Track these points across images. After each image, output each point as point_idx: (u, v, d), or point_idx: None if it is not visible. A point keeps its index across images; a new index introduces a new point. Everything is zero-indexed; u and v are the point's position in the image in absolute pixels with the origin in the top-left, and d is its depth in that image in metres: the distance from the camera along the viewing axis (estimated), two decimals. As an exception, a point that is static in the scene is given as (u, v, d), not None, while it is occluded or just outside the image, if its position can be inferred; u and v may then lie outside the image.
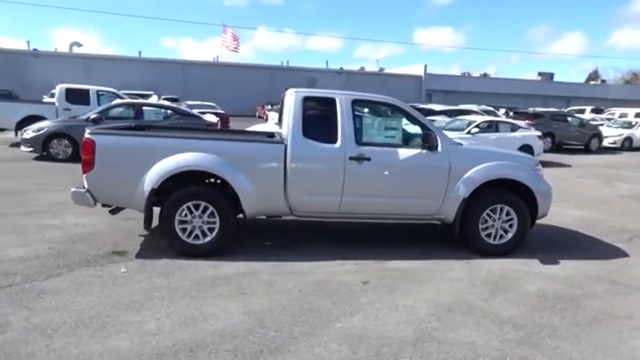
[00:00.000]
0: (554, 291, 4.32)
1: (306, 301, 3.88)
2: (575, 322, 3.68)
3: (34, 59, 34.16)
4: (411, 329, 3.44)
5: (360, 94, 5.31)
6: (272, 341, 3.19)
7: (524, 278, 4.63)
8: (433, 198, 5.18)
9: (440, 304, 3.91)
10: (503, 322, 3.63)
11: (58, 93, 13.44)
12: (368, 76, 43.37)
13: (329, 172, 4.97)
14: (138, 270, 4.44)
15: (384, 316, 3.66)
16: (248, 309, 3.68)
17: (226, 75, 38.82)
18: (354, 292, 4.11)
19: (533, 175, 5.38)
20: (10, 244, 5.00)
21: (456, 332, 3.43)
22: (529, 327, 3.56)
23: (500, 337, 3.37)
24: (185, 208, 4.78)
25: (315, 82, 40.40)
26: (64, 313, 3.47)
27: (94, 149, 4.67)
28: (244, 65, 40.99)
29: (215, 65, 40.80)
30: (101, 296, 3.82)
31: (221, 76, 38.38)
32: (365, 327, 3.45)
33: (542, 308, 3.92)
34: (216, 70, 39.38)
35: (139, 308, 3.62)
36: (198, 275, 4.36)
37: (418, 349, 3.15)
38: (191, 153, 4.77)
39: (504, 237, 5.32)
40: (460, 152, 5.25)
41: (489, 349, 3.19)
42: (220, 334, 3.26)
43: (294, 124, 4.95)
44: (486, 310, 3.83)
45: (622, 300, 4.18)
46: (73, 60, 35.75)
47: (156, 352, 2.99)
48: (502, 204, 5.25)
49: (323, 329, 3.39)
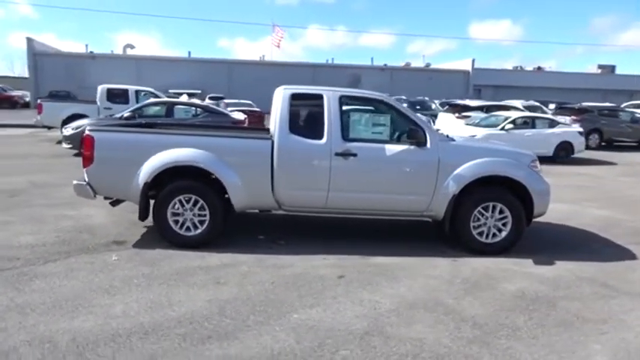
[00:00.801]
0: (535, 291, 4.19)
1: (274, 292, 4.00)
2: (541, 324, 3.56)
3: (91, 61, 36.27)
4: (365, 323, 3.47)
5: (348, 90, 5.35)
6: (224, 328, 3.33)
7: (508, 278, 4.51)
8: (422, 194, 5.14)
9: (406, 300, 3.91)
10: (464, 320, 3.58)
11: (99, 93, 14.27)
12: (413, 72, 42.69)
13: (315, 167, 5.05)
14: (129, 258, 4.72)
15: (345, 309, 3.70)
16: (214, 297, 3.84)
17: (270, 73, 39.36)
18: (325, 285, 4.18)
19: (529, 173, 5.20)
20: (24, 231, 5.45)
21: (409, 328, 3.42)
22: (489, 326, 3.49)
23: (454, 335, 3.34)
24: (177, 201, 5.02)
25: (358, 79, 40.29)
26: (46, 295, 3.78)
27: (94, 145, 5.00)
28: (288, 63, 41.50)
29: (259, 64, 41.62)
30: (85, 281, 4.11)
31: (265, 75, 38.97)
32: (321, 319, 3.52)
33: (512, 308, 3.82)
34: (260, 69, 40.13)
35: (115, 293, 3.87)
36: (182, 265, 4.57)
37: (362, 343, 3.18)
38: (182, 149, 5.00)
39: (498, 236, 5.19)
40: (450, 148, 5.17)
41: (436, 346, 3.17)
42: (179, 319, 3.44)
43: (281, 120, 5.07)
44: (452, 308, 3.79)
45: (604, 303, 3.99)
46: (126, 61, 37.62)
47: (112, 333, 3.20)
48: (495, 202, 5.12)
49: (278, 319, 3.49)
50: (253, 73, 39.36)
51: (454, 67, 43.31)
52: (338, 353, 3.05)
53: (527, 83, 41.16)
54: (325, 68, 41.59)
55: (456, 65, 43.66)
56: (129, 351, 2.99)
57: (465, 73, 41.95)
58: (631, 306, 3.96)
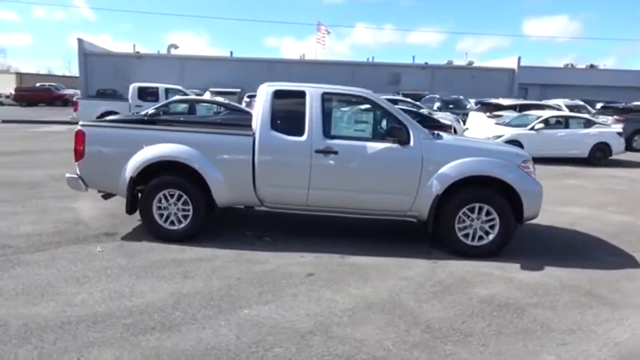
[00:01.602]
0: (508, 297, 4.00)
1: (237, 288, 4.02)
2: (499, 331, 3.40)
3: (137, 61, 37.69)
4: (312, 322, 3.44)
5: (331, 87, 5.30)
6: (171, 321, 3.39)
7: (484, 282, 4.33)
8: (405, 194, 5.02)
9: (366, 301, 3.83)
10: (417, 323, 3.47)
11: (131, 91, 14.86)
12: (455, 70, 41.59)
13: (295, 164, 5.04)
14: (112, 250, 4.89)
15: (299, 307, 3.68)
16: (176, 290, 3.91)
17: (309, 72, 39.55)
18: (290, 283, 4.17)
19: (518, 173, 4.97)
20: (27, 221, 5.76)
21: (356, 329, 3.35)
22: (441, 331, 3.37)
23: (399, 338, 3.24)
24: (161, 195, 5.15)
25: (398, 78, 39.80)
26: (20, 282, 3.97)
27: (84, 139, 5.21)
28: (327, 62, 41.52)
29: (299, 63, 41.86)
30: (62, 270, 4.29)
31: (304, 73, 39.15)
32: (270, 316, 3.52)
33: (474, 314, 3.67)
34: (299, 68, 40.36)
35: (84, 283, 4.02)
36: (159, 258, 4.69)
37: (301, 341, 3.15)
38: (167, 144, 5.11)
39: (484, 238, 5.00)
40: (435, 147, 5.02)
41: (375, 349, 3.09)
42: (132, 310, 3.53)
43: (263, 116, 5.09)
44: (410, 311, 3.68)
45: (579, 313, 3.75)
46: (170, 61, 38.85)
47: (64, 320, 3.33)
48: (481, 203, 4.93)
49: (227, 314, 3.52)
50: (293, 71, 39.58)
51: (498, 66, 41.87)
52: (272, 350, 3.03)
53: (577, 82, 39.16)
54: (365, 67, 41.32)
55: (500, 63, 42.19)
56: (71, 337, 3.10)
57: (510, 71, 40.44)
58: (607, 317, 3.70)
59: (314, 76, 38.86)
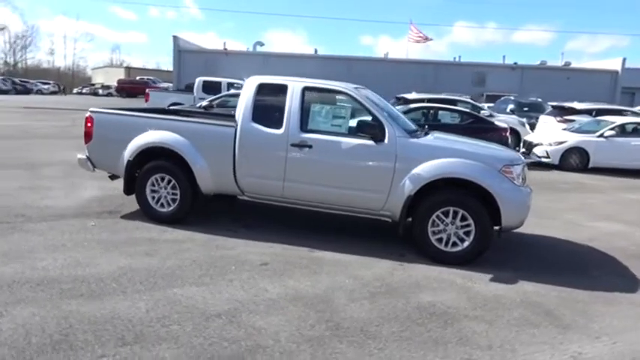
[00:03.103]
0: (449, 307, 3.79)
1: (184, 269, 4.23)
2: (409, 338, 3.25)
3: (225, 57, 39.81)
4: (227, 307, 3.54)
5: (314, 81, 5.31)
6: (101, 291, 3.67)
7: (436, 289, 4.13)
8: (377, 192, 4.91)
9: (295, 294, 3.85)
10: (328, 321, 3.43)
11: (196, 85, 15.83)
12: (548, 71, 38.65)
13: (271, 156, 5.14)
14: (104, 225, 5.35)
15: (226, 292, 3.79)
16: (128, 265, 4.22)
17: (390, 71, 39.18)
18: (238, 269, 4.29)
19: (497, 177, 4.63)
20: (53, 196, 6.48)
21: (264, 318, 3.40)
22: (346, 330, 3.30)
23: (298, 332, 3.23)
24: (154, 179, 5.52)
25: (483, 78, 38.01)
26: (7, 245, 4.52)
27: (93, 124, 5.74)
28: (409, 61, 40.73)
29: (379, 61, 41.51)
30: (48, 238, 4.80)
31: (385, 72, 38.88)
32: (193, 296, 3.67)
33: (397, 318, 3.53)
34: (380, 66, 40.05)
35: (57, 251, 4.47)
36: (138, 236, 5.06)
37: (202, 322, 3.27)
38: (160, 131, 5.47)
39: (459, 245, 4.74)
40: (410, 145, 4.84)
41: (266, 338, 3.12)
42: (76, 277, 3.88)
43: (245, 108, 5.26)
44: (333, 308, 3.63)
45: (516, 332, 3.45)
46: (255, 57, 40.54)
47: (16, 279, 3.75)
48: (456, 207, 4.68)
49: (156, 291, 3.73)
50: (373, 70, 39.43)
51: (599, 67, 38.28)
52: (169, 327, 3.19)
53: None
54: (448, 66, 39.93)
55: (601, 65, 38.55)
56: (9, 294, 3.50)
57: (613, 73, 36.78)
58: (545, 339, 3.37)
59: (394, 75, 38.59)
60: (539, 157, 12.44)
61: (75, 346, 2.88)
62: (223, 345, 3.01)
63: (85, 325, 3.14)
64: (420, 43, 42.94)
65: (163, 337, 3.06)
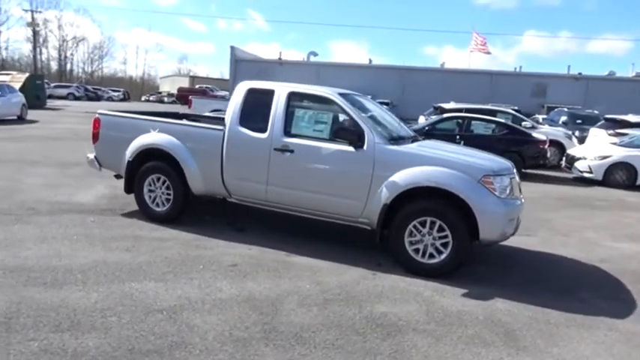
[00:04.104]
0: (401, 319, 3.65)
1: (153, 265, 4.36)
2: (340, 347, 3.16)
3: (279, 67, 40.69)
4: (173, 303, 3.61)
5: (299, 87, 5.33)
6: (65, 280, 3.87)
7: (397, 300, 3.99)
8: (355, 199, 4.84)
9: (247, 295, 3.86)
10: (266, 323, 3.40)
11: (235, 92, 16.29)
12: (615, 82, 36.23)
13: (255, 160, 5.21)
14: (102, 222, 5.64)
15: (180, 289, 3.87)
16: (100, 259, 4.41)
17: (446, 80, 38.29)
18: (205, 269, 4.36)
19: (475, 188, 4.41)
20: (69, 193, 6.91)
21: (202, 316, 3.43)
22: (280, 334, 3.26)
23: (229, 332, 3.24)
24: (150, 179, 5.76)
25: (544, 89, 36.26)
26: (4, 235, 4.87)
27: (100, 125, 6.08)
28: (466, 71, 39.69)
29: (434, 71, 40.75)
30: (44, 231, 5.13)
31: (440, 82, 38.04)
32: (146, 291, 3.78)
33: (337, 326, 3.44)
34: (435, 76, 39.27)
35: (45, 242, 4.75)
36: (127, 233, 5.28)
37: (141, 316, 3.35)
38: (157, 133, 5.70)
39: (435, 257, 4.56)
40: (388, 152, 4.73)
41: (195, 336, 3.15)
42: (49, 267, 4.10)
43: (234, 112, 5.37)
44: (277, 312, 3.61)
45: (461, 349, 3.26)
46: (308, 67, 41.17)
47: (-7, 266, 4.05)
48: (433, 217, 4.51)
49: (115, 284, 3.88)
50: (428, 80, 38.73)
51: (677, 78, 35.39)
52: (107, 318, 3.30)
53: None
54: (505, 76, 38.46)
55: (680, 75, 35.62)
56: (-20, 279, 3.78)
57: (693, 84, 33.90)
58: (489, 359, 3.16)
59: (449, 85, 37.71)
60: (582, 171, 11.67)
61: (11, 329, 3.06)
62: (149, 339, 3.07)
63: (31, 310, 3.32)
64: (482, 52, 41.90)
65: (97, 327, 3.17)
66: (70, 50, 74.42)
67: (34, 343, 2.93)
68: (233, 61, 40.41)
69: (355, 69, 41.06)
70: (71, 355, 2.83)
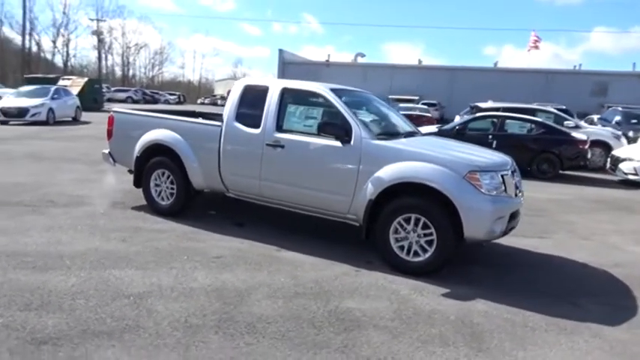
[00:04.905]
0: (364, 315, 3.57)
1: (141, 255, 4.53)
2: (290, 338, 3.15)
3: (326, 68, 40.93)
4: (145, 289, 3.74)
5: (292, 82, 5.35)
6: (53, 265, 4.10)
7: (368, 297, 3.92)
8: (342, 195, 4.79)
9: (218, 285, 3.92)
10: (224, 312, 3.45)
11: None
12: (687, 80, 33.58)
13: (249, 155, 5.28)
14: (111, 213, 5.93)
15: (157, 277, 3.99)
16: (94, 247, 4.63)
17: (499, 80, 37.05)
18: (188, 260, 4.47)
19: (460, 184, 4.24)
20: (89, 187, 7.31)
21: (167, 303, 3.52)
22: (235, 324, 3.30)
23: (184, 319, 3.31)
24: (156, 174, 5.99)
25: (604, 87, 34.20)
26: (17, 223, 5.23)
27: (114, 122, 6.39)
28: (519, 70, 38.19)
29: (487, 71, 39.48)
30: (54, 220, 5.46)
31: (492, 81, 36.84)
32: (123, 278, 3.93)
33: (296, 319, 3.43)
34: (488, 75, 38.11)
35: (51, 231, 5.05)
36: (131, 224, 5.50)
37: (109, 300, 3.50)
38: (162, 130, 5.92)
39: (420, 255, 4.43)
40: (375, 147, 4.65)
41: (149, 321, 3.25)
42: (43, 253, 4.36)
43: (230, 109, 5.48)
44: (242, 302, 3.64)
45: (415, 347, 3.15)
46: (355, 68, 41.14)
47: (-7, 250, 4.37)
48: (417, 214, 4.39)
49: (96, 270, 4.06)
50: (479, 79, 37.62)
51: None
52: (75, 300, 3.47)
53: None
54: (562, 75, 36.62)
55: None
56: (-22, 261, 4.09)
57: None
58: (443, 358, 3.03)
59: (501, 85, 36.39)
60: (626, 173, 10.90)
61: (-15, 306, 3.29)
62: (106, 321, 3.20)
63: (11, 291, 3.56)
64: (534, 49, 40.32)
65: (63, 308, 3.35)
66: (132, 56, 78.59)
67: (0, 319, 3.13)
68: (281, 63, 41.15)
69: (403, 70, 40.60)
70: (29, 331, 3.01)
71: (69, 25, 63.83)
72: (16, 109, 16.95)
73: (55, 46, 62.62)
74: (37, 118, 17.07)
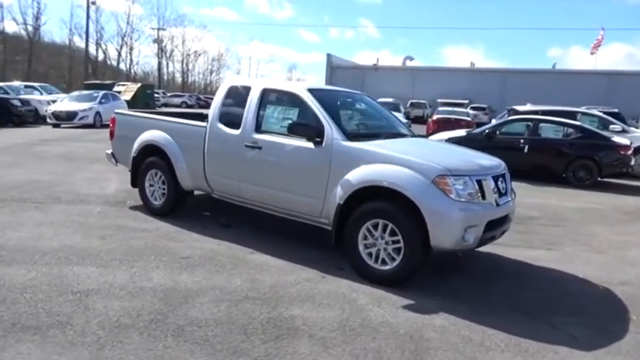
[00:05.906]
0: (306, 324, 3.40)
1: (112, 252, 4.58)
2: (212, 343, 3.03)
3: (374, 72, 40.54)
4: (98, 286, 3.76)
5: (272, 82, 5.25)
6: (24, 259, 4.22)
7: (319, 305, 3.73)
8: (314, 197, 4.63)
9: (173, 286, 3.88)
10: (161, 314, 3.38)
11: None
12: None
13: (229, 156, 5.24)
14: (105, 212, 6.08)
15: (114, 274, 4.01)
16: (69, 244, 4.72)
17: (555, 83, 35.18)
18: (155, 259, 4.46)
19: (427, 188, 3.95)
20: (97, 186, 7.55)
21: (113, 301, 3.52)
22: (162, 324, 3.23)
23: (112, 318, 3.28)
24: (150, 174, 6.09)
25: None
26: (12, 218, 5.48)
27: (115, 124, 6.58)
28: (579, 72, 36.07)
29: (544, 73, 37.57)
30: (48, 216, 5.67)
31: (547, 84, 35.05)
32: (79, 275, 3.97)
33: (229, 324, 3.31)
34: (543, 78, 36.29)
35: (40, 227, 5.24)
36: (119, 223, 5.61)
37: (56, 295, 3.54)
38: (155, 131, 6.00)
39: (388, 263, 4.18)
40: (345, 149, 4.44)
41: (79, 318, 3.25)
42: (17, 247, 4.50)
43: (214, 109, 5.46)
44: (184, 304, 3.57)
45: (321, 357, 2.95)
46: (403, 72, 40.47)
47: (-25, 243, 4.57)
48: (384, 219, 4.15)
49: (58, 267, 4.13)
50: (533, 82, 35.89)
51: None
52: (24, 295, 3.53)
53: None
54: (627, 76, 34.16)
55: None
56: (-46, 253, 4.29)
57: None
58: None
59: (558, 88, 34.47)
60: (672, 182, 9.90)
61: None
62: (40, 317, 3.23)
63: (-33, 282, 3.69)
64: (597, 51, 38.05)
65: (6, 301, 3.42)
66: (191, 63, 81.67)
67: (-57, 310, 3.24)
68: (329, 68, 41.22)
69: (453, 73, 39.54)
70: (-39, 323, 3.09)
71: (133, 34, 67.34)
72: (66, 113, 18.02)
73: (119, 54, 66.29)
74: (85, 121, 18.05)
